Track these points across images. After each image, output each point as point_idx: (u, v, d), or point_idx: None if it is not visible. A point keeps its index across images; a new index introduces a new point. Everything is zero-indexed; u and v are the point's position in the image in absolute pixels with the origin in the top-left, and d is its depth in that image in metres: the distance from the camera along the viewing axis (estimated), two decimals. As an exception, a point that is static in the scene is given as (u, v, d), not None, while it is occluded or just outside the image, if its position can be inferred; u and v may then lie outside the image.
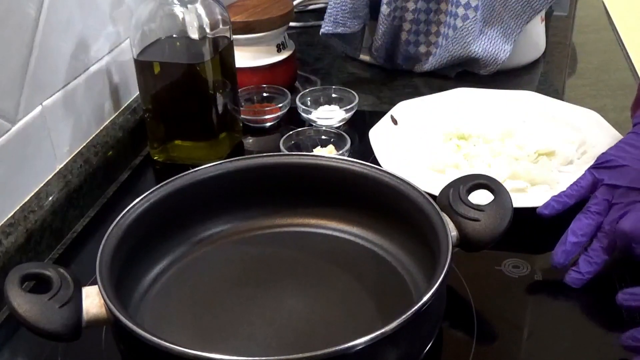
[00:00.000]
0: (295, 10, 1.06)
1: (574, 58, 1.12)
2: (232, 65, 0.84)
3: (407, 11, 1.01)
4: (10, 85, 0.65)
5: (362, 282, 0.61)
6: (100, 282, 0.51)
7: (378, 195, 0.63)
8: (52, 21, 0.71)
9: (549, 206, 0.67)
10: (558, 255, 0.63)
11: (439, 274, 0.51)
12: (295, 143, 0.83)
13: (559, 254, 0.63)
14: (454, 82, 1.02)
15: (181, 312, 0.58)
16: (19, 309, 0.48)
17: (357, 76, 1.08)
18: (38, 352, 0.59)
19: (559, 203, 0.67)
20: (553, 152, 0.79)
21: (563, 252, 0.63)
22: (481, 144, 0.81)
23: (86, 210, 0.77)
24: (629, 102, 0.78)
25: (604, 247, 0.63)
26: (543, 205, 0.67)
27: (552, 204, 0.67)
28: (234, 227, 0.67)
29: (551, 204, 0.67)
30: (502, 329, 0.59)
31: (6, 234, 0.64)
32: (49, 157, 0.72)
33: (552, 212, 0.67)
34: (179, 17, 0.77)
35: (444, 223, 0.56)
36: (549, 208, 0.67)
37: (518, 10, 1.00)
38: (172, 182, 0.63)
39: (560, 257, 0.63)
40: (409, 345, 0.50)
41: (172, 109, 0.82)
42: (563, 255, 0.63)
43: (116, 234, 0.56)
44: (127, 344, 0.51)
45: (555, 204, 0.67)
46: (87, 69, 0.79)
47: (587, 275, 0.62)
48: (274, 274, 0.62)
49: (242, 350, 0.55)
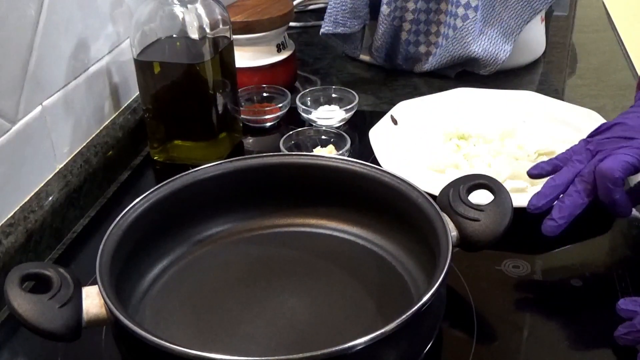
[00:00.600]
0: (295, 10, 1.06)
1: (574, 58, 1.12)
2: (232, 65, 0.84)
3: (407, 11, 1.01)
4: (10, 85, 0.65)
5: (362, 282, 0.61)
6: (100, 282, 0.51)
7: (378, 195, 0.63)
8: (52, 21, 0.71)
9: (538, 167, 0.66)
10: (532, 198, 0.62)
11: (439, 274, 0.51)
12: (295, 143, 0.83)
13: (533, 196, 0.62)
14: (454, 82, 1.02)
15: (181, 312, 0.58)
16: (19, 309, 0.48)
17: (357, 76, 1.08)
18: (38, 352, 0.59)
19: (548, 164, 0.66)
20: (553, 152, 0.79)
21: (537, 195, 0.62)
22: (481, 144, 0.81)
23: (86, 210, 0.77)
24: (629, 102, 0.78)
25: (579, 191, 0.61)
26: (533, 166, 0.66)
27: (542, 165, 0.66)
28: (234, 227, 0.67)
29: (541, 165, 0.66)
30: (502, 329, 0.59)
31: (6, 234, 0.64)
32: (49, 157, 0.72)
33: (540, 172, 0.66)
34: (179, 17, 0.77)
35: (444, 223, 0.56)
36: (538, 168, 0.66)
37: (518, 10, 1.00)
38: (172, 182, 0.63)
39: (534, 199, 0.62)
40: (409, 345, 0.50)
41: (172, 109, 0.82)
42: (537, 197, 0.62)
43: (116, 234, 0.56)
44: (127, 344, 0.51)
45: (545, 165, 0.66)
46: (87, 69, 0.79)
47: (560, 221, 0.60)
48: (274, 274, 0.62)
49: (242, 350, 0.55)
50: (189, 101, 0.81)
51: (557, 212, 0.61)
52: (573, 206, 0.61)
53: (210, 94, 0.80)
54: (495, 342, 0.58)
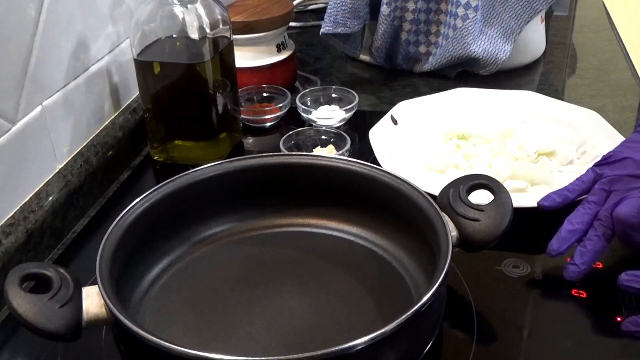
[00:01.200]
0: (295, 10, 1.06)
1: (574, 58, 1.12)
2: (232, 65, 0.84)
3: (407, 11, 1.01)
4: (10, 85, 0.65)
5: (362, 282, 0.61)
6: (100, 282, 0.51)
7: (378, 195, 0.63)
8: (52, 21, 0.71)
9: (549, 198, 0.67)
10: (552, 243, 0.63)
11: (439, 274, 0.51)
12: (295, 143, 0.83)
13: (554, 241, 0.63)
14: (454, 82, 1.02)
15: (181, 312, 0.58)
16: (19, 309, 0.48)
17: (357, 76, 1.08)
18: (38, 352, 0.59)
19: (559, 196, 0.67)
20: (553, 152, 0.79)
21: (557, 239, 0.62)
22: (481, 144, 0.81)
23: (86, 210, 0.77)
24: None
25: (599, 235, 0.62)
26: (544, 198, 0.67)
27: (553, 196, 0.67)
28: (234, 227, 0.67)
29: (552, 197, 0.67)
30: (502, 329, 0.59)
31: (6, 234, 0.64)
32: (49, 157, 0.72)
33: (552, 204, 0.67)
34: (179, 17, 0.77)
35: (444, 223, 0.56)
36: (549, 200, 0.67)
37: (518, 10, 1.00)
38: (172, 182, 0.63)
39: (555, 244, 0.62)
40: (409, 345, 0.50)
41: (172, 109, 0.82)
42: (557, 242, 0.62)
43: (116, 234, 0.56)
44: (127, 344, 0.51)
45: (555, 197, 0.67)
46: (87, 69, 0.79)
47: (582, 267, 0.61)
48: (274, 274, 0.62)
49: (242, 350, 0.55)
50: (189, 101, 0.81)
51: (579, 258, 0.62)
52: (594, 251, 0.62)
53: (210, 94, 0.80)
54: (495, 342, 0.58)
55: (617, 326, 0.58)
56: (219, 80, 0.81)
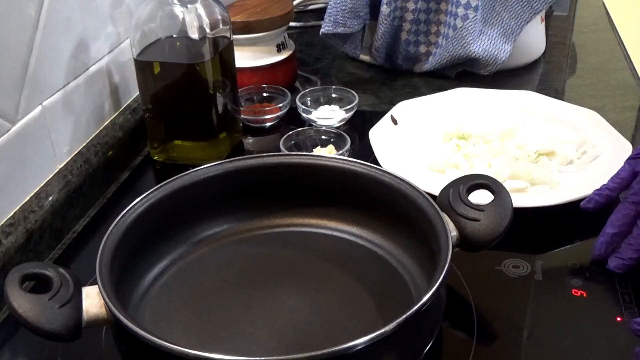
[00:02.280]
0: (295, 10, 1.06)
1: (574, 58, 1.12)
2: (232, 65, 0.84)
3: (407, 11, 1.01)
4: (10, 85, 0.65)
5: (362, 282, 0.61)
6: (100, 282, 0.51)
7: (378, 195, 0.63)
8: (52, 21, 0.71)
9: (592, 200, 0.68)
10: (598, 247, 0.64)
11: (438, 274, 0.51)
12: (295, 143, 0.83)
13: (599, 245, 0.64)
14: (454, 82, 1.02)
15: (181, 312, 0.58)
16: (19, 309, 0.48)
17: (357, 76, 1.08)
18: (38, 352, 0.59)
19: (601, 196, 0.67)
20: (553, 152, 0.79)
21: (602, 244, 0.64)
22: (481, 144, 0.81)
23: (86, 210, 0.77)
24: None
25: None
26: (587, 200, 0.68)
27: (595, 197, 0.68)
28: (234, 227, 0.67)
29: (594, 198, 0.68)
30: (502, 329, 0.59)
31: (6, 234, 0.64)
32: (49, 157, 0.72)
33: (595, 205, 0.67)
34: (179, 17, 0.77)
35: (444, 223, 0.56)
36: (593, 202, 0.68)
37: (518, 10, 1.00)
38: (172, 182, 0.63)
39: (601, 249, 0.64)
40: (409, 345, 0.50)
41: (172, 109, 0.82)
42: (603, 246, 0.64)
43: (116, 234, 0.56)
44: (127, 344, 0.51)
45: (598, 197, 0.68)
46: (87, 69, 0.79)
47: (629, 261, 0.62)
48: (274, 274, 0.62)
49: (242, 350, 0.55)
50: (189, 101, 0.81)
51: (627, 252, 0.63)
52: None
53: (210, 94, 0.80)
54: (495, 342, 0.58)
55: (617, 326, 0.58)
56: (219, 80, 0.81)
